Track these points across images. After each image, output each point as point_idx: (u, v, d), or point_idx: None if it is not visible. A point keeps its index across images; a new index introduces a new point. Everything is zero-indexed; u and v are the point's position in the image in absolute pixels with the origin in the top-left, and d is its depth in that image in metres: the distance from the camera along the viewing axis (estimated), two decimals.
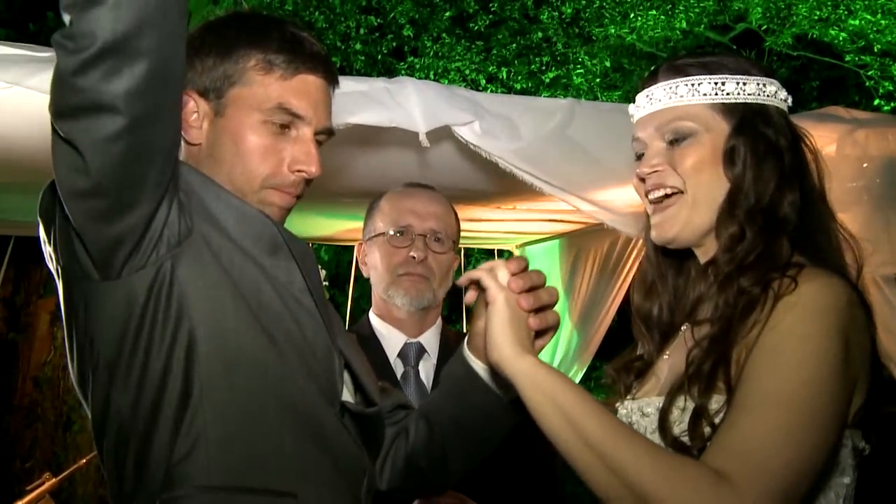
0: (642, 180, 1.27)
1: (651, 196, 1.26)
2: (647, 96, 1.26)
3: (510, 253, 4.30)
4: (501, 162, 2.21)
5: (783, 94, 1.26)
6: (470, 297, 1.20)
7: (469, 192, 2.81)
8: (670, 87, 1.23)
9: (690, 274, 1.32)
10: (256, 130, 1.17)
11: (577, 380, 4.03)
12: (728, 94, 1.21)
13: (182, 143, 1.20)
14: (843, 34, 6.84)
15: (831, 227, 1.22)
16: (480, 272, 1.16)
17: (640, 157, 1.29)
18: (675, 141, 1.23)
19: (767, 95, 1.23)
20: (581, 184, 2.34)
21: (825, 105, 3.66)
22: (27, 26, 5.89)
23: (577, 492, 1.17)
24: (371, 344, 2.01)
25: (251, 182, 1.18)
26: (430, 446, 1.31)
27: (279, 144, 1.18)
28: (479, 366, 1.25)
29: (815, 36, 7.01)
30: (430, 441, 1.31)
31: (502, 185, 2.81)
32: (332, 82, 1.26)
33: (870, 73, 6.99)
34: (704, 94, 1.21)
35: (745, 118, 1.20)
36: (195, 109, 1.19)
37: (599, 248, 3.76)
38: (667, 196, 1.23)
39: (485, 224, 3.62)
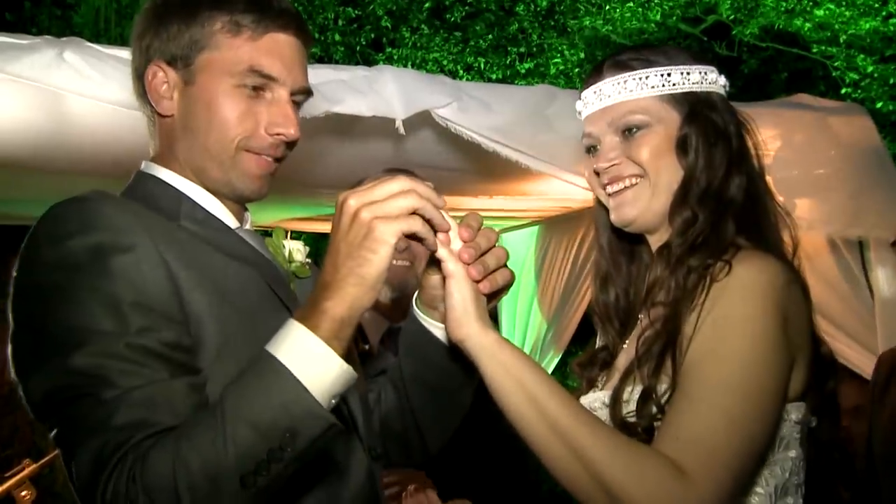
0: (596, 174, 1.28)
1: (610, 189, 1.27)
2: (595, 92, 1.27)
3: None
4: (483, 140, 2.24)
5: (722, 80, 1.28)
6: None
7: (447, 181, 2.84)
8: (619, 83, 1.24)
9: (643, 260, 1.34)
10: (230, 95, 1.12)
11: (554, 365, 4.08)
12: (675, 84, 1.23)
13: (155, 116, 1.18)
14: (808, 24, 6.95)
15: (770, 205, 1.26)
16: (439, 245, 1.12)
17: (589, 150, 1.31)
18: (629, 132, 1.24)
19: (710, 83, 1.26)
20: (561, 158, 2.37)
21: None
22: (4, 16, 5.83)
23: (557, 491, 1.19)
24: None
25: (227, 148, 1.13)
26: (400, 409, 1.28)
27: (254, 108, 1.13)
28: (427, 321, 1.19)
29: (781, 27, 7.12)
30: (399, 404, 1.28)
31: (479, 174, 2.86)
32: (305, 40, 1.19)
33: (836, 63, 7.12)
34: (653, 87, 1.23)
35: (693, 107, 1.23)
36: (164, 80, 1.14)
37: (575, 234, 3.82)
38: (627, 187, 1.25)
39: (462, 213, 3.65)
